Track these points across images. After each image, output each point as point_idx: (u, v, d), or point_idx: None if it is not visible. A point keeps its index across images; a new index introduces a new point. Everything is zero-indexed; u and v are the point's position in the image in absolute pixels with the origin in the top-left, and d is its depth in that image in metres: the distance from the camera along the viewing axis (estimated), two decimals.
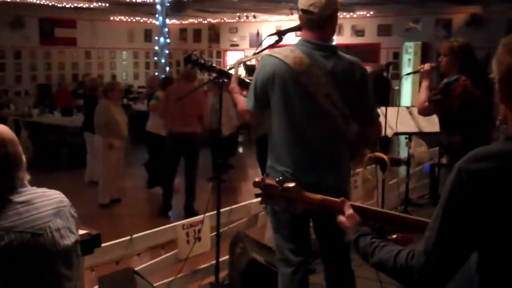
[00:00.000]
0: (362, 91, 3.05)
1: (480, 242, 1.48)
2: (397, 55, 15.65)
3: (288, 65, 2.90)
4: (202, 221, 4.31)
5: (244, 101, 3.19)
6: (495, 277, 1.49)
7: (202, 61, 3.61)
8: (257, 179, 1.93)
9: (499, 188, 1.43)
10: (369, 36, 16.66)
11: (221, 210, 4.21)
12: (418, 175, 6.89)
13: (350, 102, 2.99)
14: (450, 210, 1.50)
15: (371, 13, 16.46)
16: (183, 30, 20.80)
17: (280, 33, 3.38)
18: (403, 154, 7.02)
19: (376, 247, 1.72)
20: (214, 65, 3.66)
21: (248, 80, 3.37)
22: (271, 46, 3.46)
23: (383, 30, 16.66)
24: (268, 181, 1.92)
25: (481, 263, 1.52)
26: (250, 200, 4.92)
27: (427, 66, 4.49)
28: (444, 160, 5.42)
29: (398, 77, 14.65)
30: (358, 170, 5.54)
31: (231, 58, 18.88)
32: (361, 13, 16.39)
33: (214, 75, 3.73)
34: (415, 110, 5.37)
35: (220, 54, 19.78)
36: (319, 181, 2.90)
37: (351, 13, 16.37)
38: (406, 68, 15.15)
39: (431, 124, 5.36)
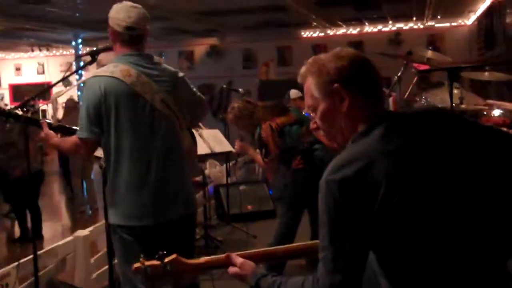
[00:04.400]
0: (188, 98, 3.10)
1: (372, 241, 1.51)
2: None
3: (118, 79, 2.81)
4: (9, 273, 3.84)
5: (69, 140, 3.01)
6: (398, 272, 1.53)
7: (7, 110, 3.22)
8: (136, 265, 1.77)
9: (365, 188, 1.47)
10: None
11: (25, 259, 3.84)
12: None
13: (180, 108, 3.02)
14: (333, 223, 1.51)
15: None
16: None
17: (93, 53, 3.24)
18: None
19: (280, 283, 1.70)
20: (19, 113, 3.20)
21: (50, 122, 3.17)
22: (82, 68, 3.31)
23: None
24: (147, 262, 1.77)
25: (380, 262, 1.56)
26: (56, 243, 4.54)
27: (237, 145, 5.00)
28: (234, 179, 5.69)
29: None
30: None
31: None
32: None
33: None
34: (204, 133, 5.56)
35: None
36: (176, 210, 2.95)
37: (94, 48, 16.16)
38: None
39: (221, 144, 5.61)
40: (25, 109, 3.36)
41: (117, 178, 2.89)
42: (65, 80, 3.62)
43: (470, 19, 14.17)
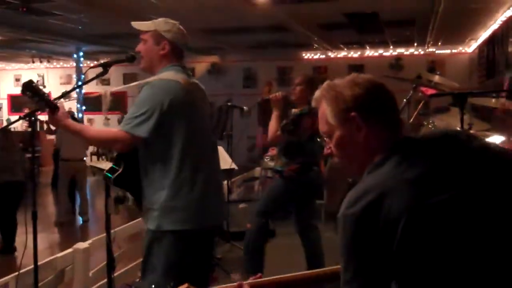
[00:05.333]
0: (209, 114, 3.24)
1: (394, 272, 1.46)
2: None
3: (182, 85, 2.90)
4: (7, 284, 3.77)
5: (107, 130, 3.16)
6: None
7: (42, 92, 3.10)
8: None
9: (383, 219, 1.43)
10: (113, 84, 16.66)
11: (24, 270, 3.77)
12: None
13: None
14: (353, 257, 1.47)
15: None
16: None
17: (105, 65, 3.21)
18: None
19: None
20: (42, 89, 3.13)
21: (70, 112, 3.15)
22: (94, 79, 3.28)
23: (128, 79, 16.85)
24: None
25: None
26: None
27: (279, 94, 4.55)
28: (234, 196, 5.60)
29: None
30: None
31: None
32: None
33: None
34: None
35: None
36: (222, 206, 3.19)
37: (95, 62, 16.19)
38: None
39: (224, 161, 5.57)
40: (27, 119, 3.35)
41: (180, 184, 2.88)
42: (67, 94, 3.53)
43: (471, 47, 14.29)
